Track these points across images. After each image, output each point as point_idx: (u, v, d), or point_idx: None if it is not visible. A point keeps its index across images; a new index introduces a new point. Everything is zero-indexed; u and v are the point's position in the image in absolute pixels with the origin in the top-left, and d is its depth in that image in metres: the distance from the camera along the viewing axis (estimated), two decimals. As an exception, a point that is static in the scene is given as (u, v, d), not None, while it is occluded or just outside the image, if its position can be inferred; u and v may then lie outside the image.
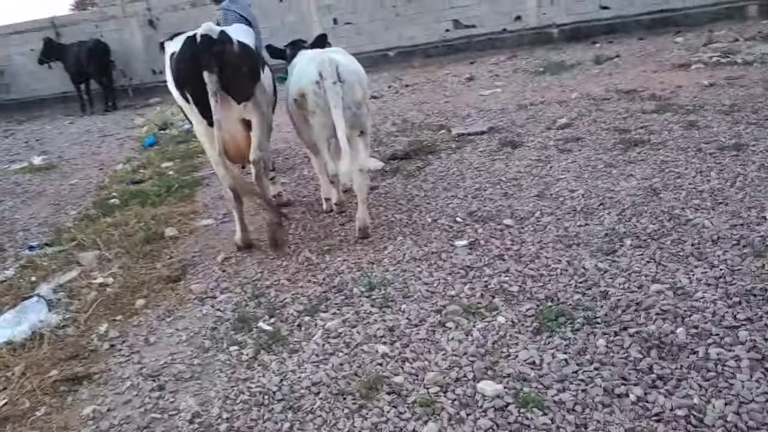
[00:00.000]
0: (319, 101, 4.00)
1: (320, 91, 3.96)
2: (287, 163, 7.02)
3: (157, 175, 7.13)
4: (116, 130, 11.30)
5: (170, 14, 14.66)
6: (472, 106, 8.38)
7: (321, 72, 3.93)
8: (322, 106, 3.98)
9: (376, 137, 7.39)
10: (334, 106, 3.89)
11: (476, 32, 12.76)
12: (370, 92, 5.63)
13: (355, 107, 4.09)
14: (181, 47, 3.94)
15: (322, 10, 13.49)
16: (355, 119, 4.10)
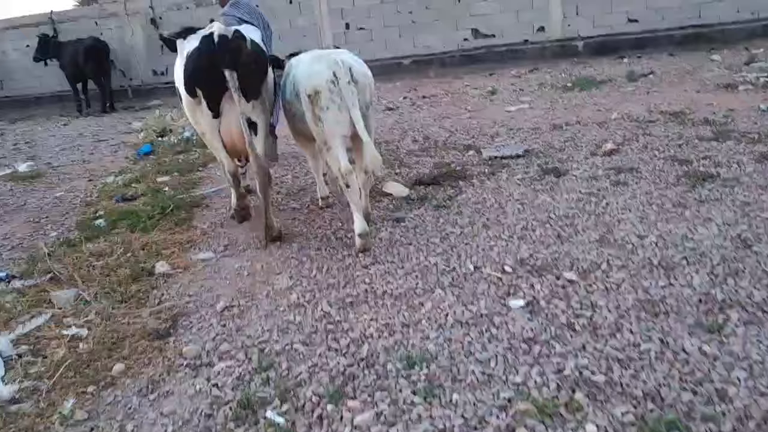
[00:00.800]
0: (334, 98, 4.02)
1: (336, 89, 4.00)
2: (297, 183, 6.23)
3: (151, 192, 6.33)
4: (111, 135, 10.50)
5: (173, 13, 13.89)
6: (499, 123, 7.61)
7: (335, 72, 3.99)
8: (337, 103, 4.01)
9: (395, 156, 6.62)
10: (352, 105, 3.97)
11: (496, 42, 12.01)
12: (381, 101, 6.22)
13: (365, 108, 4.16)
14: (198, 45, 4.11)
15: (334, 14, 12.73)
16: (364, 120, 4.09)
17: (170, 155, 8.23)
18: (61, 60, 13.44)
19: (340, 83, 3.98)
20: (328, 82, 4.01)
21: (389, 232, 4.55)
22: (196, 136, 8.87)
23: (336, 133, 4.15)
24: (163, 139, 9.22)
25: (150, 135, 9.59)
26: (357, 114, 3.98)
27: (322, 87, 4.02)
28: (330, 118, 4.07)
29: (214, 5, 13.29)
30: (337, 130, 4.13)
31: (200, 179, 6.72)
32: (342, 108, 4.02)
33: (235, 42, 4.10)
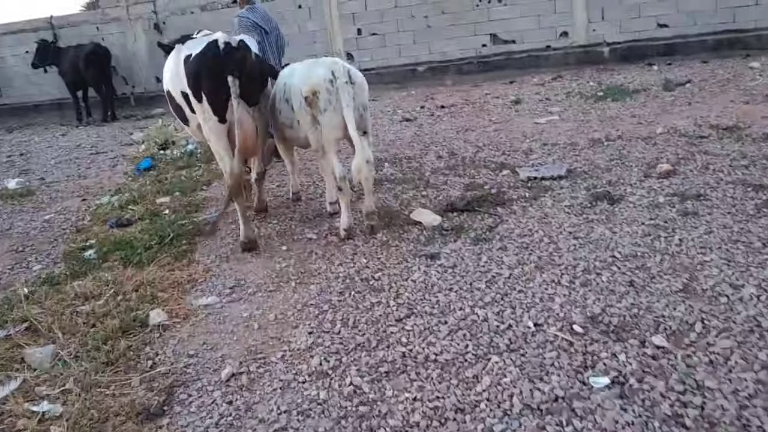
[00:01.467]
0: (332, 99, 4.09)
1: (333, 89, 4.07)
2: (311, 207, 5.54)
3: (149, 216, 5.65)
4: (111, 147, 9.83)
5: (178, 18, 13.24)
6: (530, 137, 6.91)
7: (334, 72, 4.08)
8: (335, 104, 4.08)
9: (420, 175, 5.93)
10: (346, 105, 4.05)
11: (516, 48, 11.31)
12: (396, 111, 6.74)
13: (362, 109, 4.28)
14: (203, 50, 4.14)
15: (346, 19, 12.05)
16: (361, 120, 4.24)
17: (172, 171, 7.55)
18: (61, 67, 12.82)
19: (338, 83, 4.07)
20: (326, 82, 4.09)
21: (423, 272, 3.85)
22: (200, 150, 8.23)
23: (332, 137, 4.29)
24: (165, 152, 8.55)
25: (151, 147, 8.93)
26: (350, 115, 4.08)
27: (321, 87, 4.09)
28: (328, 121, 4.19)
29: (220, 9, 12.69)
30: (334, 133, 4.27)
31: (204, 201, 6.04)
32: (337, 110, 4.11)
33: (241, 51, 4.18)
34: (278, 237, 4.82)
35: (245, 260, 4.44)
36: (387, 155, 6.93)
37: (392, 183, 5.82)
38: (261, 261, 4.40)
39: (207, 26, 12.43)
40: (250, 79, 4.27)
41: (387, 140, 7.73)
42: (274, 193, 6.08)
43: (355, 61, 12.20)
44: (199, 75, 4.17)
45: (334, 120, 4.17)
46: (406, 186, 5.66)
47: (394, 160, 6.65)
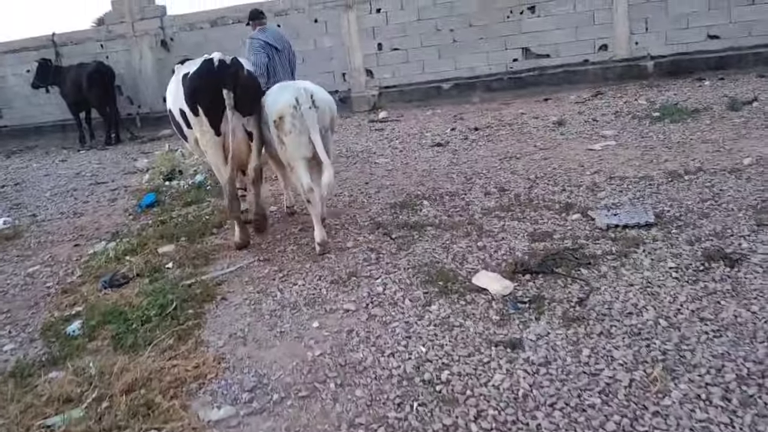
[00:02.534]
0: (295, 122, 4.33)
1: (297, 114, 4.33)
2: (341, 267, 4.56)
3: (149, 271, 4.68)
4: (112, 175, 8.91)
5: (186, 34, 12.37)
6: (588, 167, 5.92)
7: (297, 98, 4.33)
8: (299, 127, 4.33)
9: (468, 217, 4.95)
10: (312, 128, 4.30)
11: (550, 63, 10.33)
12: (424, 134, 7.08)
13: (324, 131, 4.46)
14: (199, 67, 4.51)
15: (365, 34, 11.13)
16: (324, 141, 4.40)
17: (178, 207, 6.60)
18: (62, 87, 11.97)
19: (302, 108, 4.30)
20: (290, 107, 4.32)
21: (506, 371, 2.86)
22: (209, 181, 7.28)
23: (298, 155, 4.43)
24: (170, 184, 7.60)
25: (156, 178, 7.99)
26: (317, 137, 4.30)
27: (286, 112, 4.34)
28: (292, 142, 4.39)
29: (230, 25, 11.83)
30: (299, 152, 4.42)
31: (214, 250, 5.06)
32: (303, 132, 4.33)
33: (233, 67, 4.49)
34: (306, 306, 3.84)
35: (267, 342, 3.46)
36: (424, 190, 5.94)
37: (438, 228, 4.83)
38: (287, 344, 3.41)
39: (217, 42, 11.61)
40: (243, 91, 4.53)
41: (420, 170, 6.75)
42: (297, 241, 5.10)
43: (375, 79, 11.27)
44: (195, 90, 4.51)
45: (297, 141, 4.39)
46: (455, 233, 4.67)
47: (434, 197, 5.67)
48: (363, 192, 6.23)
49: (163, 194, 7.19)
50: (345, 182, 6.71)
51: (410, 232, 4.83)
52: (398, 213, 5.37)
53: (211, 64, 4.47)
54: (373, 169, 7.12)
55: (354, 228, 5.15)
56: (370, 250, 4.58)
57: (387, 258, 4.41)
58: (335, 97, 11.91)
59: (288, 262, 4.63)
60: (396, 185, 6.32)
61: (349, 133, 9.50)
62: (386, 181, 6.55)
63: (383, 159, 7.53)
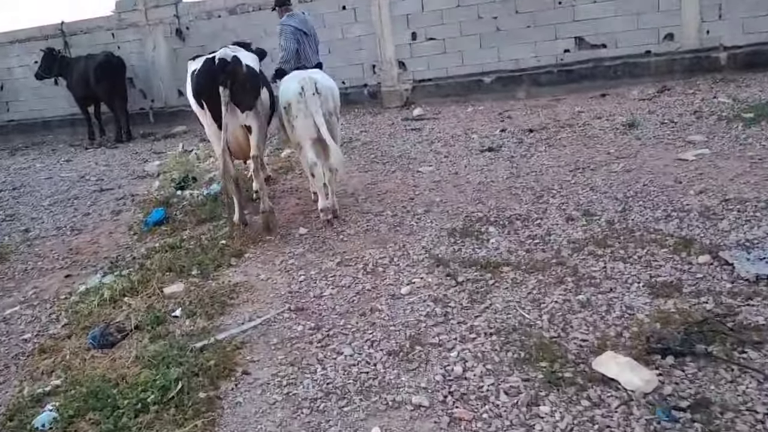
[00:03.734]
0: (300, 107, 4.76)
1: (302, 100, 4.74)
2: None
3: (150, 323, 3.64)
4: (119, 179, 7.89)
5: (203, 23, 11.29)
6: (687, 184, 4.78)
7: (303, 86, 4.75)
8: (304, 111, 4.75)
9: (555, 253, 3.84)
10: (315, 112, 4.69)
11: (607, 54, 9.10)
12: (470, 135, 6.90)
13: (327, 115, 4.79)
14: (201, 65, 4.85)
15: (398, 21, 9.96)
16: (327, 124, 4.73)
17: (190, 225, 5.55)
18: (69, 79, 10.96)
19: (306, 95, 4.74)
20: (296, 95, 4.78)
21: None
22: (227, 191, 6.21)
23: (305, 136, 4.84)
24: (183, 193, 6.55)
25: (167, 185, 6.95)
26: (320, 119, 4.69)
27: (292, 99, 4.82)
28: (299, 125, 4.83)
29: (250, 13, 10.74)
30: (306, 133, 4.83)
31: (233, 291, 4.00)
32: (307, 115, 4.74)
33: (232, 65, 4.67)
34: (359, 394, 2.76)
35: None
36: (485, 210, 4.84)
37: (517, 270, 3.73)
38: None
39: (235, 31, 10.48)
40: (240, 88, 4.72)
41: (475, 183, 5.64)
42: (336, 281, 4.03)
43: (408, 71, 10.13)
44: (199, 87, 4.88)
45: (303, 124, 4.79)
46: (542, 278, 3.57)
47: (500, 221, 4.56)
48: (408, 211, 5.14)
49: (174, 207, 6.15)
50: (385, 196, 5.62)
51: (481, 274, 3.74)
52: (459, 243, 4.28)
53: (212, 62, 4.71)
54: (417, 180, 6.01)
55: (406, 264, 4.06)
56: (434, 301, 3.50)
57: (457, 314, 3.33)
58: (364, 91, 10.89)
59: (327, 313, 3.56)
60: (448, 202, 5.22)
61: (382, 134, 8.39)
62: (435, 196, 5.45)
63: (427, 167, 6.41)
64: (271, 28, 10.51)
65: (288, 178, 6.82)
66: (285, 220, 5.39)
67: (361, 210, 5.35)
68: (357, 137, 8.36)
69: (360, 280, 3.92)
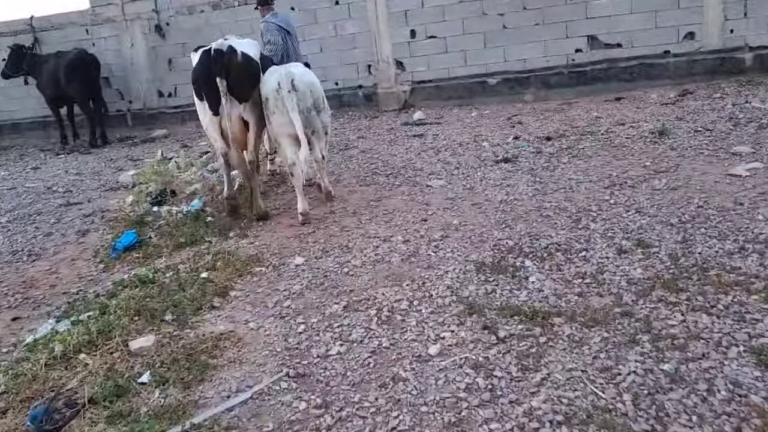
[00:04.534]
0: (277, 104, 4.72)
1: (279, 97, 4.68)
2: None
3: (109, 395, 2.81)
4: (90, 192, 7.01)
5: (185, 18, 10.41)
6: (750, 206, 4.05)
7: (279, 82, 4.68)
8: (280, 108, 4.70)
9: (616, 301, 3.08)
10: (291, 110, 4.59)
11: (621, 54, 8.39)
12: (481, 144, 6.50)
13: (306, 111, 4.71)
14: (199, 57, 4.94)
15: (396, 18, 9.16)
16: (306, 120, 4.69)
17: (167, 251, 4.73)
18: (39, 78, 10.04)
19: (282, 92, 4.64)
20: (274, 90, 4.73)
21: None
22: (209, 208, 5.42)
23: (282, 132, 4.83)
24: (159, 210, 5.70)
25: (142, 199, 6.10)
26: (296, 116, 4.59)
27: (270, 95, 4.79)
28: (275, 121, 4.81)
29: (235, 7, 9.88)
30: (282, 130, 4.80)
31: (215, 347, 3.18)
32: (283, 112, 4.67)
33: (227, 56, 4.76)
34: None
35: None
36: (516, 237, 4.07)
37: (571, 321, 2.96)
38: None
39: (219, 27, 9.57)
40: (236, 79, 4.81)
41: (496, 201, 4.87)
42: (343, 334, 3.23)
43: (406, 72, 9.34)
44: (196, 79, 5.00)
45: (279, 120, 4.77)
46: (607, 336, 2.81)
47: (537, 253, 3.79)
48: (423, 236, 4.36)
49: (149, 227, 5.31)
50: (393, 216, 4.83)
51: (528, 328, 2.96)
52: (491, 282, 3.50)
53: (209, 53, 4.78)
54: (427, 196, 5.23)
55: (429, 310, 3.28)
56: (473, 367, 2.72)
57: (507, 388, 2.55)
58: (359, 93, 10.08)
59: (336, 382, 2.76)
60: (468, 225, 4.44)
61: (381, 140, 7.59)
62: (451, 216, 4.67)
63: (437, 180, 5.63)
64: (255, 24, 9.66)
65: (279, 193, 5.99)
66: (277, 245, 4.58)
67: (366, 233, 4.56)
68: (353, 144, 7.56)
69: (374, 333, 3.13)
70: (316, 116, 4.82)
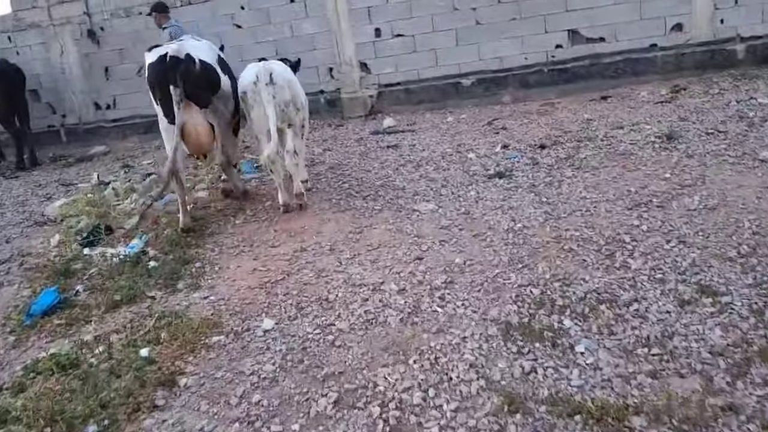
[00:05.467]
0: (256, 97, 4.69)
1: (256, 90, 4.65)
2: None
3: None
4: (10, 228, 5.84)
5: (121, 21, 9.22)
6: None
7: (258, 75, 4.64)
8: (259, 101, 4.66)
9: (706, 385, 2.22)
10: (267, 102, 4.57)
11: (605, 49, 7.68)
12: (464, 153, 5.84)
13: (283, 105, 4.71)
14: (154, 62, 4.66)
15: (358, 15, 8.24)
16: (284, 115, 4.73)
17: (98, 314, 3.70)
18: (-47, 93, 8.67)
19: (260, 84, 4.60)
20: (252, 84, 4.68)
21: None
22: (152, 250, 4.41)
23: (261, 128, 4.82)
24: (91, 253, 4.65)
25: (70, 239, 5.02)
26: (271, 110, 4.55)
27: (248, 89, 4.75)
28: (254, 115, 4.81)
29: (178, 7, 8.77)
30: (262, 123, 4.75)
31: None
32: (261, 105, 4.63)
33: (184, 64, 4.50)
34: None
35: None
36: (538, 280, 3.23)
37: (656, 421, 2.12)
38: None
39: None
40: (195, 87, 4.60)
41: (501, 230, 4.02)
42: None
43: (372, 74, 8.42)
44: (151, 84, 4.77)
45: (258, 113, 4.75)
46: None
47: (575, 306, 2.94)
48: (422, 282, 3.47)
49: (77, 278, 4.26)
50: (380, 255, 3.93)
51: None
52: (527, 355, 2.65)
53: (164, 60, 4.54)
54: (417, 225, 4.34)
55: (453, 406, 2.39)
56: None
57: None
58: (320, 98, 9.09)
59: None
60: (475, 264, 3.58)
61: (350, 153, 6.67)
62: (452, 253, 3.80)
63: (425, 203, 4.75)
64: (206, 24, 8.62)
65: (237, 224, 5.00)
66: (239, 300, 3.62)
67: (349, 279, 3.64)
68: (319, 158, 6.62)
69: None
70: (294, 112, 4.83)
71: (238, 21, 8.61)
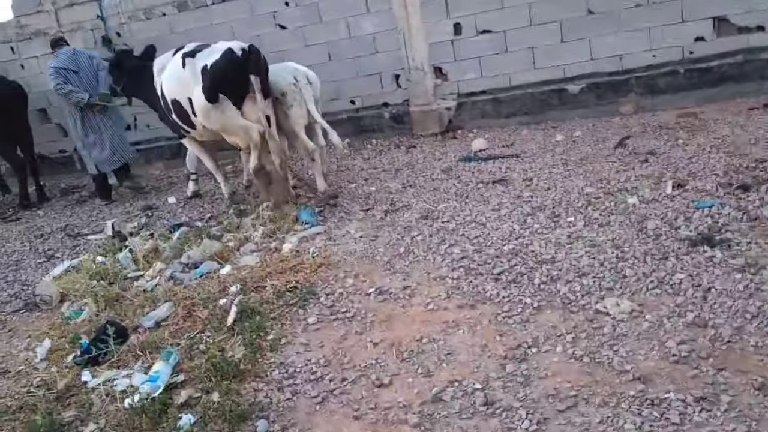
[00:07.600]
0: (295, 96, 4.86)
1: (296, 90, 4.86)
2: None
3: None
4: (-8, 313, 4.20)
5: (141, 25, 7.61)
6: None
7: (296, 77, 4.90)
8: (299, 100, 4.86)
9: None
10: (309, 101, 4.88)
11: (765, 42, 5.75)
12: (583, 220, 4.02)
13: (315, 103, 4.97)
14: (221, 57, 4.56)
15: (433, 9, 6.44)
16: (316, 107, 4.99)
17: None
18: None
19: (300, 84, 4.88)
20: (290, 85, 4.86)
21: None
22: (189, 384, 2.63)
23: (300, 124, 4.94)
24: (94, 381, 2.95)
25: (64, 348, 3.33)
26: (313, 106, 4.90)
27: (286, 89, 4.85)
28: (294, 113, 4.90)
29: (210, 6, 7.10)
30: (301, 121, 4.94)
31: None
32: (302, 104, 4.88)
33: (258, 54, 4.60)
34: None
35: None
36: None
37: None
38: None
39: (188, 34, 5.79)
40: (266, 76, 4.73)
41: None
42: None
43: (450, 81, 6.63)
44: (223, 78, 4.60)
45: (298, 112, 4.90)
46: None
47: None
48: None
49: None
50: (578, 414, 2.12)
51: None
52: None
53: (234, 53, 4.55)
54: (618, 347, 2.53)
55: None
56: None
57: None
58: (384, 112, 6.98)
59: None
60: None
61: (442, 191, 4.89)
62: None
63: (611, 298, 2.94)
64: (244, 25, 6.93)
65: (309, 324, 3.25)
66: None
67: None
68: (401, 199, 4.85)
69: None
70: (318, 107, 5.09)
71: (281, 20, 6.88)
